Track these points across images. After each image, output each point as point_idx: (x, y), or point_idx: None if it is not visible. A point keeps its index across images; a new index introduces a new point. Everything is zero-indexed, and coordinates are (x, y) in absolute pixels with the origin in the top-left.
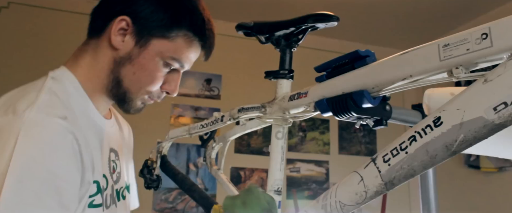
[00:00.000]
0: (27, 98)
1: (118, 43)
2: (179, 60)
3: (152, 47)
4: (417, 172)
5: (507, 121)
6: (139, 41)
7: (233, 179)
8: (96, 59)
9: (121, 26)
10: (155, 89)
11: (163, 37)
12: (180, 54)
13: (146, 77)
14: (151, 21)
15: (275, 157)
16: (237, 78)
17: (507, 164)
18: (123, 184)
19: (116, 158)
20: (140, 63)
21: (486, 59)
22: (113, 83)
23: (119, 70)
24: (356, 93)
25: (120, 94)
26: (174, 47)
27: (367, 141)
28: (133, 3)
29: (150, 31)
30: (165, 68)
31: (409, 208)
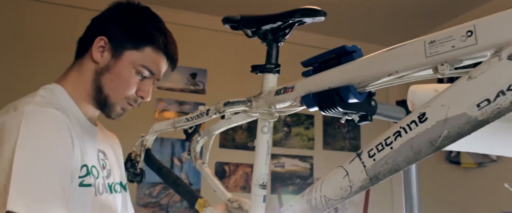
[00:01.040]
0: (25, 100)
1: (98, 58)
2: (148, 68)
3: (125, 58)
4: (401, 167)
5: (489, 118)
6: (114, 54)
7: (218, 174)
8: (81, 73)
9: (100, 44)
10: (131, 93)
11: (133, 48)
12: (149, 63)
13: (122, 82)
14: (123, 37)
15: (260, 151)
16: (222, 73)
17: (486, 160)
18: (115, 180)
19: (105, 158)
20: (116, 72)
21: (471, 56)
22: (95, 91)
23: (99, 78)
24: (342, 88)
25: (102, 100)
26: (143, 56)
27: (351, 137)
28: (108, 26)
29: (123, 45)
30: (137, 75)
31: (392, 203)
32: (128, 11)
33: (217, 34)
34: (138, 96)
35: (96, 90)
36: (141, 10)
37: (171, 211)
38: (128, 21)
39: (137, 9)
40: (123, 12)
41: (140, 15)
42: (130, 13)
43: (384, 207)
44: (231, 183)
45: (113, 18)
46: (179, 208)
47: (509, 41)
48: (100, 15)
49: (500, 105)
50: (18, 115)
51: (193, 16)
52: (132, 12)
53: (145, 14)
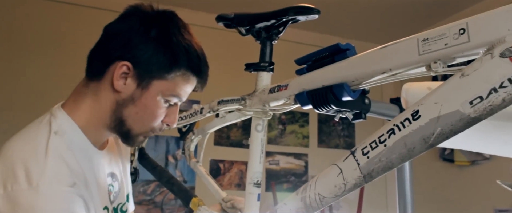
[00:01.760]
0: (36, 162)
1: (121, 87)
2: (178, 96)
3: (153, 88)
4: (395, 165)
5: (482, 115)
6: (140, 83)
7: (213, 171)
8: (97, 102)
9: (122, 71)
10: (157, 124)
11: (163, 78)
12: (179, 90)
13: (149, 115)
14: (151, 64)
15: (254, 149)
16: (217, 71)
17: (479, 158)
18: (122, 199)
19: (114, 180)
20: (142, 104)
21: (464, 53)
22: (115, 122)
23: (121, 110)
24: (336, 86)
25: (124, 132)
26: (173, 85)
27: (345, 135)
28: (132, 48)
29: (150, 74)
30: (165, 104)
31: (386, 201)
32: (153, 26)
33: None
34: (163, 124)
35: (116, 122)
36: (169, 21)
37: (165, 208)
38: (157, 43)
39: (165, 21)
40: (148, 27)
41: (169, 31)
42: (156, 28)
43: (378, 205)
44: (226, 181)
45: (137, 37)
46: (174, 206)
47: (501, 38)
48: (119, 28)
49: (492, 102)
50: (32, 194)
51: (189, 14)
52: (159, 26)
53: (175, 28)
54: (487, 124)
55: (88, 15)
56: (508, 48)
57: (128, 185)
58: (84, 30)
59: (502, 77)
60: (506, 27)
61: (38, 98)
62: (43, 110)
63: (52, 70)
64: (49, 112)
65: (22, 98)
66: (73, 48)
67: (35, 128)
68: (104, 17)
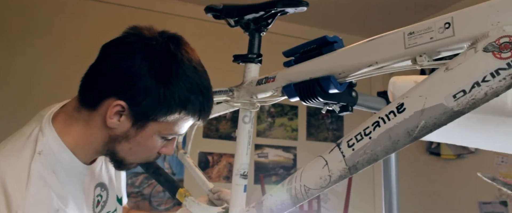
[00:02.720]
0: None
1: (114, 124)
2: (177, 133)
3: (150, 129)
4: (379, 157)
5: (465, 109)
6: (136, 123)
7: (201, 163)
8: (88, 131)
9: (117, 109)
10: (153, 156)
11: (160, 121)
12: (177, 129)
13: (144, 152)
14: (149, 108)
15: (241, 141)
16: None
17: (465, 151)
18: (112, 207)
19: (102, 190)
20: (137, 141)
21: (448, 48)
22: (107, 152)
23: (114, 145)
24: (323, 78)
25: (116, 161)
26: (172, 126)
27: (334, 128)
28: (130, 89)
29: (148, 116)
30: (162, 140)
31: (373, 193)
32: (155, 64)
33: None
34: (159, 154)
35: (108, 153)
36: (172, 57)
37: (153, 201)
38: (157, 84)
39: (168, 56)
40: (149, 66)
41: (172, 70)
42: (158, 68)
43: (365, 197)
44: (215, 173)
45: (136, 76)
46: (162, 198)
47: (485, 33)
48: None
49: (475, 96)
50: None
51: (179, 6)
52: (161, 65)
53: (179, 65)
54: (471, 118)
55: (76, 4)
56: (491, 42)
57: (119, 188)
58: (72, 20)
59: (485, 71)
60: (490, 22)
61: (25, 88)
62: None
63: (39, 60)
64: (39, 125)
65: (8, 89)
66: (61, 38)
67: (21, 143)
68: (92, 6)
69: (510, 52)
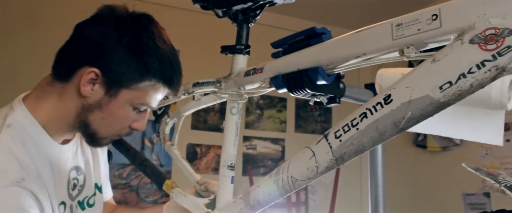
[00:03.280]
0: None
1: (87, 92)
2: (148, 104)
3: (122, 96)
4: (366, 148)
5: (451, 100)
6: (109, 91)
7: (189, 155)
8: (61, 103)
9: (90, 77)
10: (125, 130)
11: (133, 88)
12: (148, 99)
13: (116, 122)
14: (121, 74)
15: (229, 132)
16: (195, 53)
17: (450, 144)
18: (89, 192)
19: (79, 173)
20: (109, 111)
21: (435, 39)
22: (80, 124)
23: (87, 115)
24: (311, 69)
25: (89, 134)
26: (143, 94)
27: (322, 120)
28: (103, 55)
29: (120, 83)
30: (134, 111)
31: (360, 185)
32: (127, 33)
33: (190, 13)
34: (131, 129)
35: (80, 125)
36: (143, 29)
37: (141, 192)
38: (129, 51)
39: (139, 28)
40: (121, 35)
41: (142, 40)
42: (130, 36)
43: (353, 188)
44: (203, 165)
45: (109, 44)
46: (150, 190)
47: (471, 25)
48: (90, 32)
49: (461, 87)
50: None
51: None
52: (132, 34)
53: (149, 37)
54: (457, 110)
55: None
56: (477, 34)
57: (99, 176)
58: (58, 11)
59: (471, 63)
60: (476, 14)
61: (11, 80)
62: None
63: (24, 52)
64: (10, 104)
65: None
66: (47, 30)
67: None
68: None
69: (495, 44)
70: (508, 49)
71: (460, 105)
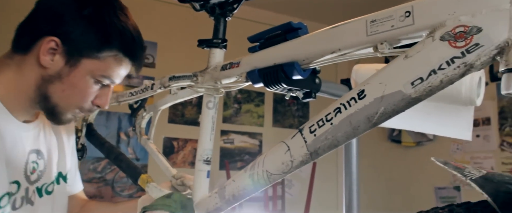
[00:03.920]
0: None
1: (47, 62)
2: (110, 77)
3: (82, 67)
4: (340, 143)
5: (422, 96)
6: (69, 60)
7: (166, 149)
8: (20, 75)
9: (50, 46)
10: (86, 104)
11: (93, 57)
12: (111, 72)
13: (77, 94)
14: (82, 42)
15: (205, 127)
16: (173, 47)
17: (424, 139)
18: (49, 179)
19: (39, 157)
20: (70, 82)
21: (408, 36)
22: (39, 98)
23: (47, 86)
24: (287, 64)
25: (49, 108)
26: (105, 66)
27: (300, 115)
28: (62, 24)
29: (80, 52)
30: (95, 85)
31: (336, 179)
32: (87, 4)
33: (168, 6)
34: (94, 105)
35: (41, 98)
36: (105, 2)
37: (116, 186)
38: (89, 21)
39: (100, 1)
40: (81, 5)
41: (103, 11)
42: (90, 7)
43: (329, 182)
44: (180, 159)
45: (69, 14)
46: (125, 184)
47: (442, 22)
48: (51, 3)
49: (431, 83)
50: None
51: None
52: (93, 5)
53: (110, 9)
54: (429, 105)
55: None
56: (448, 32)
57: (64, 165)
58: None
59: (441, 59)
60: (447, 11)
61: None
62: None
63: None
64: None
65: None
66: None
67: None
68: None
69: (464, 41)
70: (476, 46)
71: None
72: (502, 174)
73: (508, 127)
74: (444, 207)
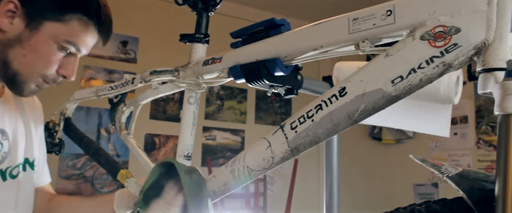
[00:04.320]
0: None
1: (6, 26)
2: (75, 44)
3: (44, 30)
4: (321, 139)
5: (402, 94)
6: (30, 23)
7: (148, 145)
8: None
9: (8, 8)
10: (50, 72)
11: (56, 20)
12: (75, 37)
13: (39, 60)
14: (43, 4)
15: (186, 122)
16: (155, 42)
17: (404, 136)
18: (14, 162)
19: (3, 138)
20: (31, 46)
21: (389, 34)
22: (0, 65)
23: (6, 52)
24: (269, 60)
25: (9, 76)
26: (68, 30)
27: (282, 112)
28: None
29: (41, 14)
30: (60, 51)
31: (318, 176)
32: None
33: (151, 0)
34: (59, 75)
35: (0, 66)
36: None
37: (96, 183)
38: None
39: None
40: None
41: None
42: None
43: (310, 180)
44: (161, 155)
45: None
46: (105, 180)
47: (422, 22)
48: None
49: (411, 82)
50: None
51: None
52: None
53: None
54: (408, 103)
55: None
56: (428, 31)
57: (31, 151)
58: None
59: (421, 58)
60: (427, 11)
61: None
62: None
63: None
64: None
65: None
66: None
67: None
68: None
69: (443, 41)
70: (454, 46)
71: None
72: (477, 171)
73: (484, 125)
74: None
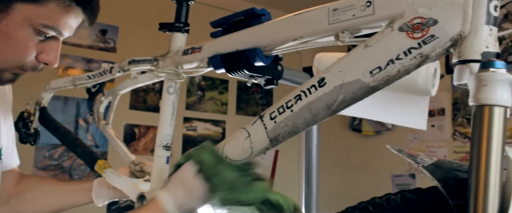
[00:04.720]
0: None
1: None
2: (55, 28)
3: (16, 13)
4: (300, 130)
5: (380, 84)
6: None
7: (127, 136)
8: None
9: None
10: (28, 60)
11: (29, 1)
12: (55, 20)
13: (12, 47)
14: None
15: (165, 112)
16: (136, 31)
17: (383, 128)
18: None
19: None
20: (2, 32)
21: (368, 25)
22: None
23: None
24: (249, 50)
25: None
26: (46, 12)
27: (264, 103)
28: None
29: None
30: (37, 36)
31: (298, 167)
32: None
33: None
34: (39, 62)
35: None
36: None
37: (74, 174)
38: None
39: None
40: None
41: None
42: None
43: (291, 170)
44: (141, 146)
45: None
46: (84, 171)
47: (401, 13)
48: None
49: (389, 73)
50: None
51: None
52: None
53: None
54: (387, 95)
55: None
56: (406, 22)
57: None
58: None
59: (399, 49)
60: (406, 3)
61: None
62: None
63: None
64: None
65: None
66: None
67: None
68: None
69: (421, 33)
70: (432, 38)
71: (389, 90)
72: (451, 161)
73: (460, 117)
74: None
